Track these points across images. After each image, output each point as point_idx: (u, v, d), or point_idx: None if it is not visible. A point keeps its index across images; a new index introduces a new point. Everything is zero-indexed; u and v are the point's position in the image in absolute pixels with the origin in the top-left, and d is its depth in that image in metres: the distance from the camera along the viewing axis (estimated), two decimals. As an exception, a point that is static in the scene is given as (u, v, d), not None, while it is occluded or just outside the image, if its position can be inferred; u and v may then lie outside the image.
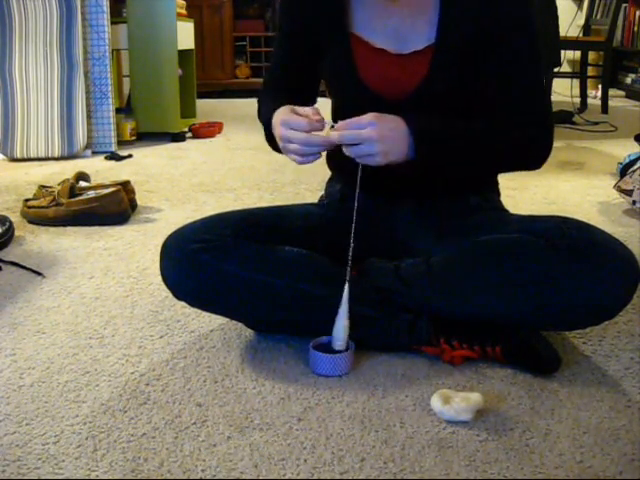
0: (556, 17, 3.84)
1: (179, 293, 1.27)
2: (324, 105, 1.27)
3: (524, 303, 1.18)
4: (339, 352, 1.20)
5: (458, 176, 1.33)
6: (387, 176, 1.35)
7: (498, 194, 1.45)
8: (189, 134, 3.77)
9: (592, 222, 1.26)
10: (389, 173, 1.34)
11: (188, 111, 3.93)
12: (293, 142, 1.14)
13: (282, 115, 1.17)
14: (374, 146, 1.11)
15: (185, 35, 3.73)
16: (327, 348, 1.21)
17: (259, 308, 1.25)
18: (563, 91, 4.59)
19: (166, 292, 1.28)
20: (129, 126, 3.47)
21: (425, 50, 1.26)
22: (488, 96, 1.28)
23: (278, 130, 1.16)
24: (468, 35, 1.24)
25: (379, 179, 1.36)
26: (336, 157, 1.44)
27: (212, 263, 1.21)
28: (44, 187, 2.25)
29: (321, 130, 1.15)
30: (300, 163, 1.16)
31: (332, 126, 1.15)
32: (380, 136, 1.11)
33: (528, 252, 1.19)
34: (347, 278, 1.18)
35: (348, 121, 1.13)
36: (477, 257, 1.23)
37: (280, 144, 1.18)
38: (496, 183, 1.45)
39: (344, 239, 1.20)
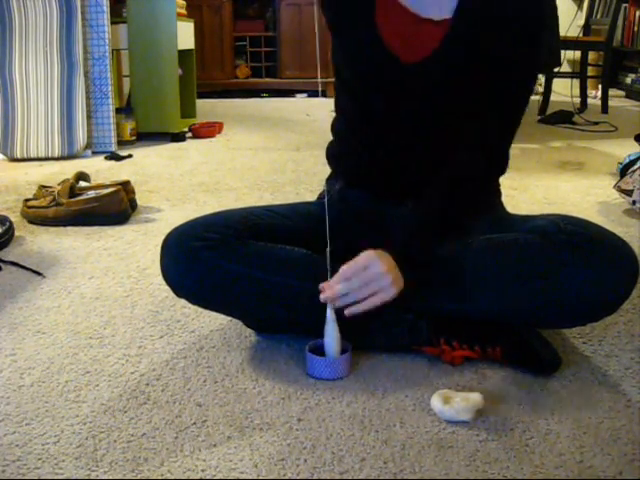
0: (556, 17, 3.84)
1: (179, 290, 1.27)
2: (323, 105, 1.27)
3: (523, 300, 1.19)
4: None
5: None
6: (387, 178, 1.35)
7: (499, 195, 1.45)
8: (189, 134, 3.77)
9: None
10: (389, 175, 1.34)
11: (188, 111, 3.93)
12: None
13: None
14: (386, 278, 1.13)
15: (185, 35, 3.73)
16: (324, 351, 1.20)
17: (259, 307, 1.25)
18: (563, 91, 4.58)
19: (166, 292, 1.28)
20: (129, 126, 3.47)
21: (442, 22, 1.22)
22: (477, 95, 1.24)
23: None
24: (482, 18, 1.21)
25: (378, 181, 1.35)
26: (337, 156, 1.44)
27: (213, 261, 1.21)
28: (44, 187, 2.25)
29: None
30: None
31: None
32: (388, 267, 1.13)
33: (526, 249, 1.19)
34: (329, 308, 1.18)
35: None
36: (477, 256, 1.23)
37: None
38: (497, 185, 1.45)
39: (344, 240, 1.20)
